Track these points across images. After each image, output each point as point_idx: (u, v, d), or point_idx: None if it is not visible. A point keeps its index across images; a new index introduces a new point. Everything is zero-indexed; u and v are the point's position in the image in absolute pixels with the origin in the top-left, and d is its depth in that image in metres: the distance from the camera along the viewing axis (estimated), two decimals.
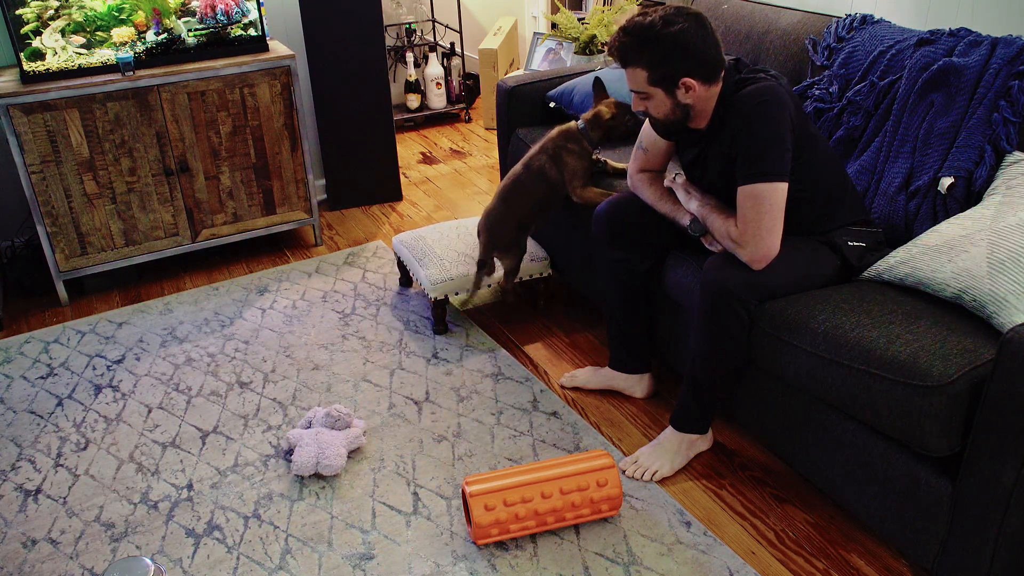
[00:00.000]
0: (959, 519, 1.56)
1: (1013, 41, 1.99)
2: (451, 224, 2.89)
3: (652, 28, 1.83)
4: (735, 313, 1.84)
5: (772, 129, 1.82)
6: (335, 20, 3.36)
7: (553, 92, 2.93)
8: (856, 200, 2.02)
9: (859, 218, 2.01)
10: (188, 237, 3.11)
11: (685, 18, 1.83)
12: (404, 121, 4.70)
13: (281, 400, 2.41)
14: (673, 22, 1.82)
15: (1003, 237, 1.67)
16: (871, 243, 1.97)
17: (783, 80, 1.91)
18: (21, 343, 2.76)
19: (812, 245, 1.94)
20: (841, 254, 1.93)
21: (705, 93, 1.90)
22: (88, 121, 2.81)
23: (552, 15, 3.96)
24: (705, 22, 1.85)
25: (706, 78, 1.88)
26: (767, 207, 1.81)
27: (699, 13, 1.86)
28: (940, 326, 1.66)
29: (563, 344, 2.66)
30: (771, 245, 1.83)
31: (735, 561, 1.82)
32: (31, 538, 1.97)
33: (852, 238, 1.95)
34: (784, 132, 1.82)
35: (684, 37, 1.82)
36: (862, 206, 2.04)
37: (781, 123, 1.82)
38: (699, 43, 1.83)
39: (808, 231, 1.96)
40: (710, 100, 1.91)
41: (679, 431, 2.07)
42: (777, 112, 1.81)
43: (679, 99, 1.90)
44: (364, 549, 1.90)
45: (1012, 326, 1.54)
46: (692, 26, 1.83)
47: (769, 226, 1.82)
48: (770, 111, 1.81)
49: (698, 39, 1.83)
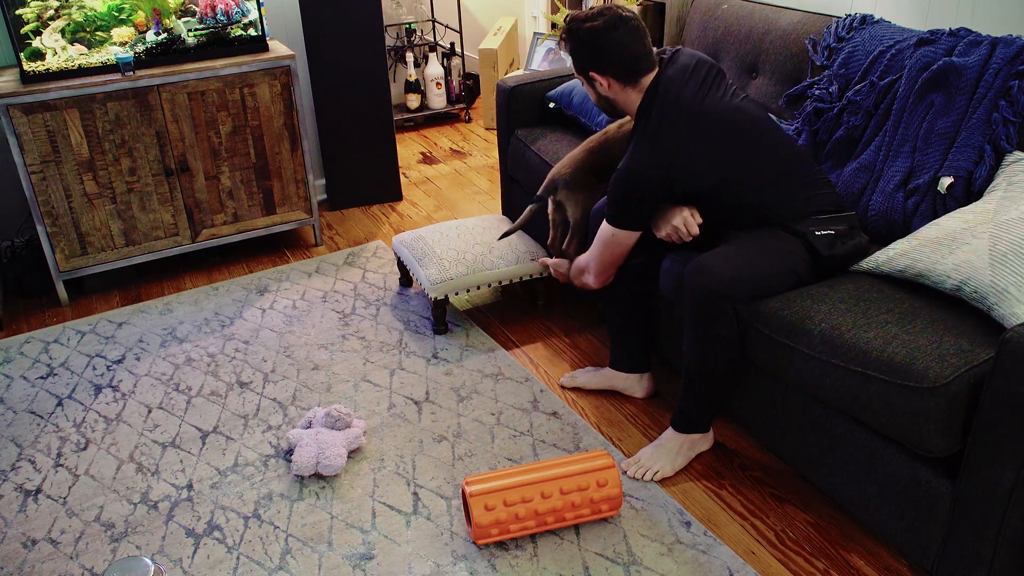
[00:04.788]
0: (959, 519, 1.56)
1: (1013, 41, 1.99)
2: (451, 224, 2.89)
3: (573, 22, 2.01)
4: (723, 312, 1.85)
5: (624, 193, 1.98)
6: (335, 20, 3.36)
7: (553, 92, 2.94)
8: (823, 191, 2.02)
9: (826, 207, 2.01)
10: (188, 237, 3.11)
11: (606, 19, 1.96)
12: (404, 121, 4.70)
13: (281, 400, 2.41)
14: (592, 19, 1.98)
15: (1005, 230, 1.68)
16: (842, 229, 1.97)
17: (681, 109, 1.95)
18: (21, 343, 2.77)
19: (778, 235, 1.97)
20: (809, 244, 1.94)
21: (622, 91, 2.02)
22: (88, 121, 2.81)
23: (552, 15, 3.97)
24: (626, 25, 1.97)
25: (620, 78, 1.99)
26: (609, 245, 2.07)
27: (627, 16, 1.98)
28: (937, 325, 1.66)
29: (563, 344, 2.66)
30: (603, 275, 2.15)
31: (735, 561, 1.82)
32: (31, 538, 1.97)
33: (818, 227, 1.96)
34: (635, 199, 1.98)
35: (594, 34, 1.97)
36: (831, 195, 2.03)
37: (633, 191, 1.97)
38: (611, 43, 1.96)
39: (769, 223, 1.99)
40: (629, 101, 2.04)
41: (680, 432, 2.08)
42: (631, 182, 1.95)
43: (598, 91, 2.05)
44: (364, 549, 1.90)
45: (1013, 322, 1.54)
46: (606, 27, 1.96)
47: (605, 259, 2.10)
48: (627, 180, 1.96)
49: (611, 39, 1.96)
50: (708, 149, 1.94)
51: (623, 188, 1.97)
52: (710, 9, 2.83)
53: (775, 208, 1.99)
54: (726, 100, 1.97)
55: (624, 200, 1.99)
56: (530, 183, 2.84)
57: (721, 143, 1.95)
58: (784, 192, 1.99)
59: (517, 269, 2.69)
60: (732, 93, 2.01)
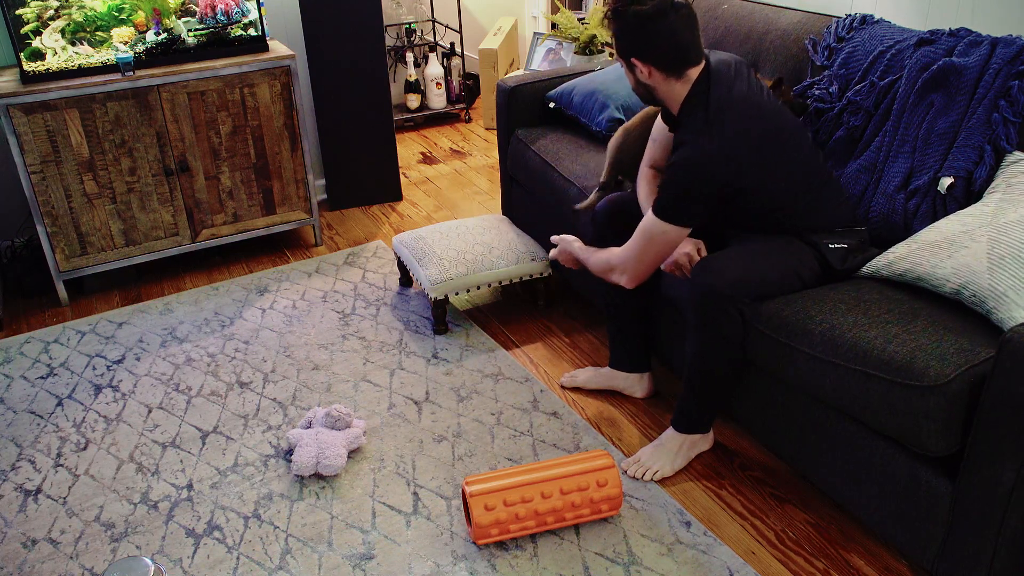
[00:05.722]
0: (959, 519, 1.56)
1: (1013, 41, 1.98)
2: (451, 224, 2.89)
3: (620, 3, 1.89)
4: (728, 314, 1.84)
5: (687, 184, 1.86)
6: (335, 20, 3.36)
7: (553, 92, 2.94)
8: (841, 204, 2.02)
9: (843, 221, 2.00)
10: (188, 237, 3.11)
11: (656, 3, 1.84)
12: (404, 121, 4.70)
13: (281, 400, 2.41)
14: (640, 1, 1.85)
15: (1003, 233, 1.67)
16: (854, 243, 1.97)
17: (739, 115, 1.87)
18: (21, 343, 2.77)
19: (789, 242, 1.96)
20: (821, 255, 1.94)
21: (664, 82, 1.91)
22: (88, 121, 2.81)
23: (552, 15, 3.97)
24: (677, 12, 1.85)
25: (663, 68, 1.89)
26: (656, 242, 1.93)
27: (679, 3, 1.86)
28: (937, 325, 1.66)
29: (563, 344, 2.66)
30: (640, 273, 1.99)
31: (735, 561, 1.82)
32: (31, 538, 1.97)
33: (833, 240, 1.96)
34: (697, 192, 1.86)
35: (641, 19, 1.85)
36: (848, 210, 2.03)
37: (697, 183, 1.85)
38: (659, 31, 1.85)
39: (784, 230, 1.97)
40: (671, 92, 1.93)
41: (680, 432, 2.08)
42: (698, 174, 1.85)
43: (637, 77, 1.94)
44: (364, 549, 1.90)
45: (1012, 325, 1.54)
46: (655, 12, 1.84)
47: (649, 257, 1.96)
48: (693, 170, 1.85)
49: (659, 27, 1.85)
50: (760, 148, 1.88)
51: (687, 179, 1.85)
52: (710, 9, 2.83)
53: (796, 216, 1.96)
54: (773, 100, 1.95)
55: (685, 192, 1.86)
56: (530, 183, 2.84)
57: (772, 143, 1.89)
58: (810, 200, 1.97)
59: (517, 269, 2.69)
60: (769, 94, 1.98)
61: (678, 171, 1.86)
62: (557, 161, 2.69)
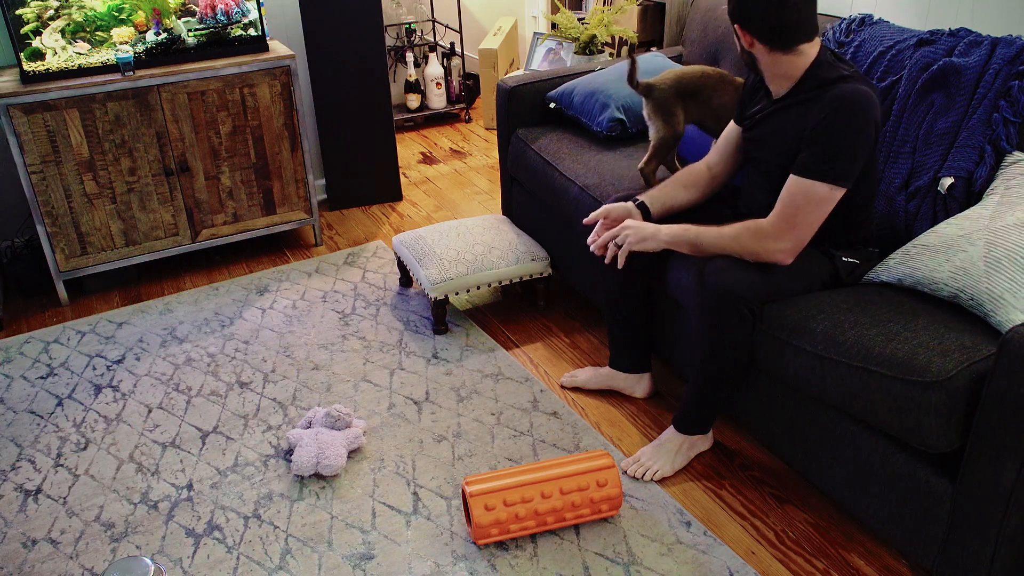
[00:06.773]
0: (959, 519, 1.56)
1: (1013, 41, 1.99)
2: (451, 224, 2.89)
3: None
4: (739, 315, 1.84)
5: (855, 136, 1.79)
6: (335, 20, 3.37)
7: (553, 92, 2.93)
8: (870, 223, 2.01)
9: (864, 238, 2.01)
10: (188, 237, 3.11)
11: None
12: (404, 121, 4.70)
13: (281, 400, 2.41)
14: None
15: (1000, 236, 1.68)
16: (863, 259, 1.98)
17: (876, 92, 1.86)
18: (21, 343, 2.77)
19: (809, 252, 1.94)
20: (834, 267, 1.94)
21: (767, 55, 1.87)
22: (88, 121, 2.81)
23: (552, 15, 3.96)
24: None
25: (768, 41, 1.84)
26: (814, 206, 1.82)
27: None
28: (938, 323, 1.66)
29: (563, 344, 2.66)
30: (802, 240, 1.85)
31: (735, 561, 1.82)
32: (31, 538, 1.97)
33: (847, 254, 1.96)
34: (863, 144, 1.80)
35: None
36: (870, 229, 2.02)
37: (865, 134, 1.80)
38: (766, 5, 1.80)
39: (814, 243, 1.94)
40: (777, 66, 1.89)
41: (681, 432, 2.08)
42: (866, 123, 1.79)
43: (743, 46, 1.90)
44: (364, 549, 1.90)
45: (1012, 325, 1.54)
46: None
47: (809, 223, 1.83)
48: (862, 120, 1.78)
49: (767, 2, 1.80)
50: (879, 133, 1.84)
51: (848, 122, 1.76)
52: (710, 9, 2.83)
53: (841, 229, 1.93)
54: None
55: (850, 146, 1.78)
56: (530, 183, 2.84)
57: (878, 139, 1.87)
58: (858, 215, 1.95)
59: (517, 269, 2.69)
60: None
61: (837, 116, 1.77)
62: (558, 161, 2.69)
